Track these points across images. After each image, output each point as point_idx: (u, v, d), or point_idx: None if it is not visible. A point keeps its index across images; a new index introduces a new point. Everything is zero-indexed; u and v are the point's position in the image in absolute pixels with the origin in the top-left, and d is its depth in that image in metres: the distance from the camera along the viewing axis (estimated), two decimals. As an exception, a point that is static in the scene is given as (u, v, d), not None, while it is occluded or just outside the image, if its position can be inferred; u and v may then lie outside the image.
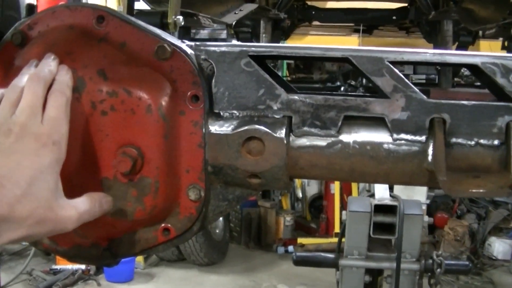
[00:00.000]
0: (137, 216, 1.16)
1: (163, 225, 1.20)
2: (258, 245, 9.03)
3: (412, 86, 1.11)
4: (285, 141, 1.12)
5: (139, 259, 7.73)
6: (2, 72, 1.15)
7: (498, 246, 8.45)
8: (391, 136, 1.12)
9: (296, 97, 1.14)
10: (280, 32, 5.87)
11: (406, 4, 5.94)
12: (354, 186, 8.90)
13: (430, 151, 1.10)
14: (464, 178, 1.10)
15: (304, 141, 1.14)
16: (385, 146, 1.12)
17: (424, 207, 8.02)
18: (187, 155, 1.15)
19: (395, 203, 3.34)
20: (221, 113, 1.16)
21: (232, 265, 8.18)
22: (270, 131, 1.12)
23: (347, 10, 6.56)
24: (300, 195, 10.26)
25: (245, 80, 1.15)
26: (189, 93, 1.13)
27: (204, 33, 9.25)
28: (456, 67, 4.40)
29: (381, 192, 3.50)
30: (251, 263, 8.30)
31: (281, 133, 1.12)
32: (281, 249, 8.69)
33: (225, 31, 9.20)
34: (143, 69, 1.12)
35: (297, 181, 10.06)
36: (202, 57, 1.16)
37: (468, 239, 8.35)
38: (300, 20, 6.58)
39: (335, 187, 9.09)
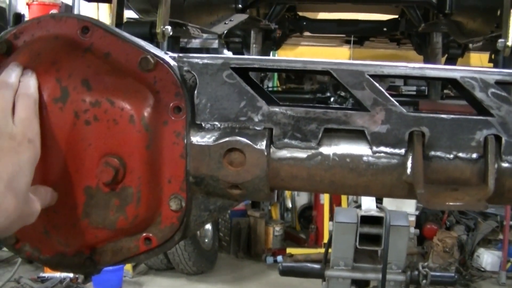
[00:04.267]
0: (119, 225, 1.17)
1: (144, 234, 1.21)
2: (247, 255, 9.03)
3: (392, 99, 1.12)
4: (265, 153, 1.13)
5: (128, 267, 7.70)
6: None
7: (486, 258, 8.49)
8: (371, 148, 1.13)
9: (277, 109, 1.15)
10: (271, 43, 5.87)
11: (397, 16, 5.95)
12: (344, 197, 8.86)
13: (409, 164, 1.11)
14: (442, 191, 1.11)
15: (284, 153, 1.15)
16: (365, 158, 1.13)
17: (413, 218, 8.04)
18: (169, 165, 1.16)
19: (381, 214, 3.35)
20: (203, 124, 1.17)
21: (221, 275, 8.17)
22: (251, 143, 1.13)
23: (338, 22, 6.55)
24: (289, 205, 10.26)
25: (227, 92, 1.16)
26: (171, 104, 1.14)
27: (196, 42, 9.28)
28: (436, 81, 4.42)
29: (368, 203, 3.51)
30: (240, 273, 8.29)
31: (262, 144, 1.13)
32: (270, 259, 8.68)
33: (216, 41, 9.23)
34: (127, 80, 1.13)
35: (287, 192, 10.07)
36: (185, 68, 1.17)
37: (457, 250, 8.38)
38: (291, 31, 6.57)
39: (325, 198, 9.08)
